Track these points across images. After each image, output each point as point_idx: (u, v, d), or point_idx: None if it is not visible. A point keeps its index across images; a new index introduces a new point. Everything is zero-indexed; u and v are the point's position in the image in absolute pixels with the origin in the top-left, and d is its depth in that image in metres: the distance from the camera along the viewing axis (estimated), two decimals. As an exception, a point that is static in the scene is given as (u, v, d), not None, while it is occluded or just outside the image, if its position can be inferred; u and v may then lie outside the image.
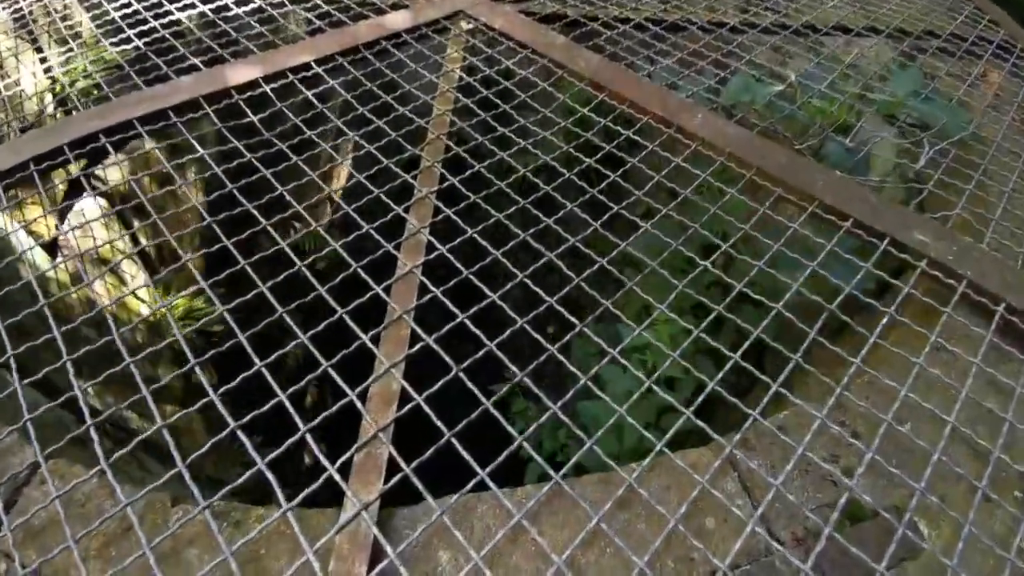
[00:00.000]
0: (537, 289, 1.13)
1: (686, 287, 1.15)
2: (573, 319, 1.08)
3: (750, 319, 1.13)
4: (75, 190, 2.95)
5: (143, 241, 3.26)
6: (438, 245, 1.13)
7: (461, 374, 0.92)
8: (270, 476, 0.78)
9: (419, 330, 0.98)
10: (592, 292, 1.15)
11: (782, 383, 0.97)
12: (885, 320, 1.06)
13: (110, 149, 1.27)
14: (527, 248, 1.20)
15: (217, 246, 1.20)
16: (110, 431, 1.97)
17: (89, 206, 2.82)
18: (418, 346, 0.97)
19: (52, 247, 2.75)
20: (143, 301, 3.06)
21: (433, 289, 1.06)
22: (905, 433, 0.93)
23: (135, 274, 3.18)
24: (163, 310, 1.10)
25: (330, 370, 0.92)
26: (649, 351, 2.06)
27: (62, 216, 2.80)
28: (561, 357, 1.02)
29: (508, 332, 1.03)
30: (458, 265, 1.10)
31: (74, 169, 1.68)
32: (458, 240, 1.15)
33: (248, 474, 0.81)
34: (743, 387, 3.02)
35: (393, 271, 1.09)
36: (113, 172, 2.97)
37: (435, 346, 0.94)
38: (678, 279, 1.18)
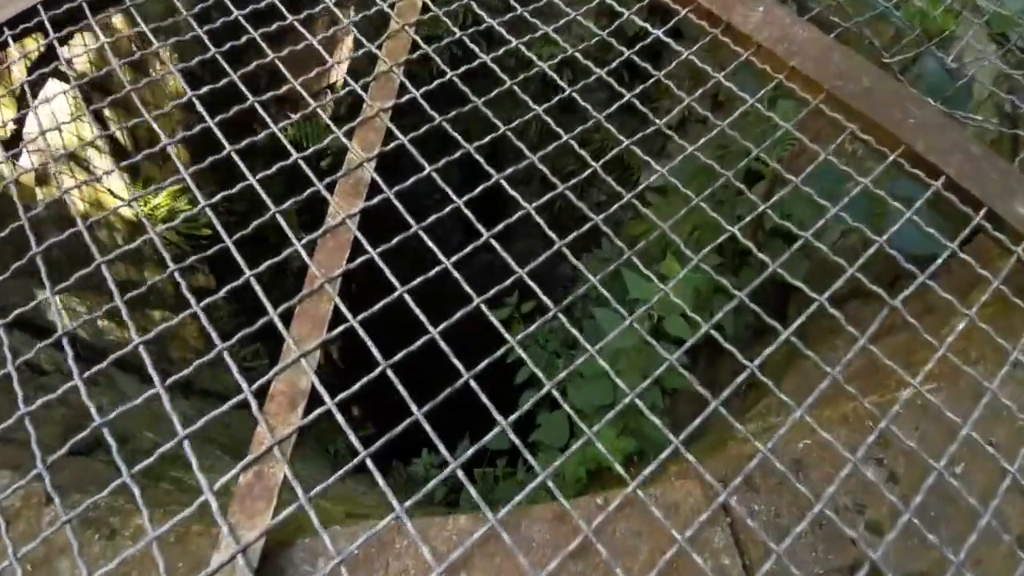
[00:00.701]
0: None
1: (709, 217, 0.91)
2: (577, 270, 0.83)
3: (784, 264, 0.89)
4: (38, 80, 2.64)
5: (117, 134, 3.00)
6: (385, 188, 0.86)
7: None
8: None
9: (341, 306, 0.76)
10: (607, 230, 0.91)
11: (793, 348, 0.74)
12: (962, 325, 0.80)
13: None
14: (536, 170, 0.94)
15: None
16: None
17: (54, 90, 2.53)
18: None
19: (13, 142, 2.52)
20: (120, 199, 2.87)
21: (371, 251, 0.82)
22: (955, 487, 0.72)
23: (109, 168, 2.96)
24: (141, 207, 0.91)
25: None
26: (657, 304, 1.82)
27: (22, 103, 2.53)
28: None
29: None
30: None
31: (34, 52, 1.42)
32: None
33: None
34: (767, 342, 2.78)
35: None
36: (80, 52, 2.63)
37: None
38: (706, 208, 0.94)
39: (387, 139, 0.94)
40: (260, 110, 0.94)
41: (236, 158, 0.89)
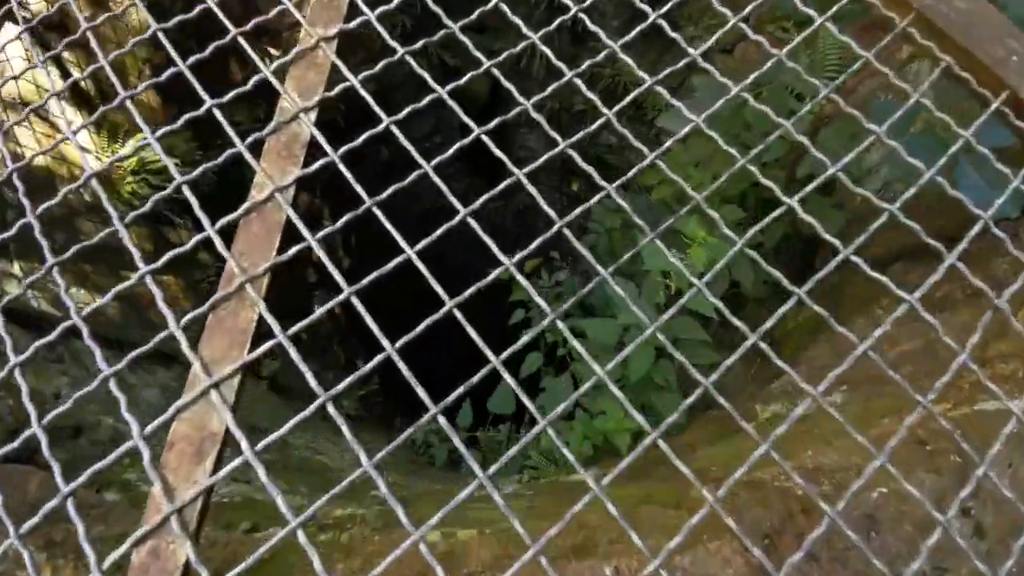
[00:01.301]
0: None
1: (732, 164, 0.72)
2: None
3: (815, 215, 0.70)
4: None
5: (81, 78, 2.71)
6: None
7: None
8: None
9: (268, 316, 0.57)
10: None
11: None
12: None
13: None
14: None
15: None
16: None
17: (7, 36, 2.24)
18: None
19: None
20: (86, 151, 2.62)
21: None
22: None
23: (72, 120, 2.70)
24: (112, 164, 0.72)
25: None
26: (672, 274, 1.61)
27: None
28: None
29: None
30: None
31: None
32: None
33: None
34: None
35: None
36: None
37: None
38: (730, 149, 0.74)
39: (333, 80, 0.71)
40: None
41: (219, 115, 0.66)
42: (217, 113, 0.69)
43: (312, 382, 0.56)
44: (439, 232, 0.63)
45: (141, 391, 1.79)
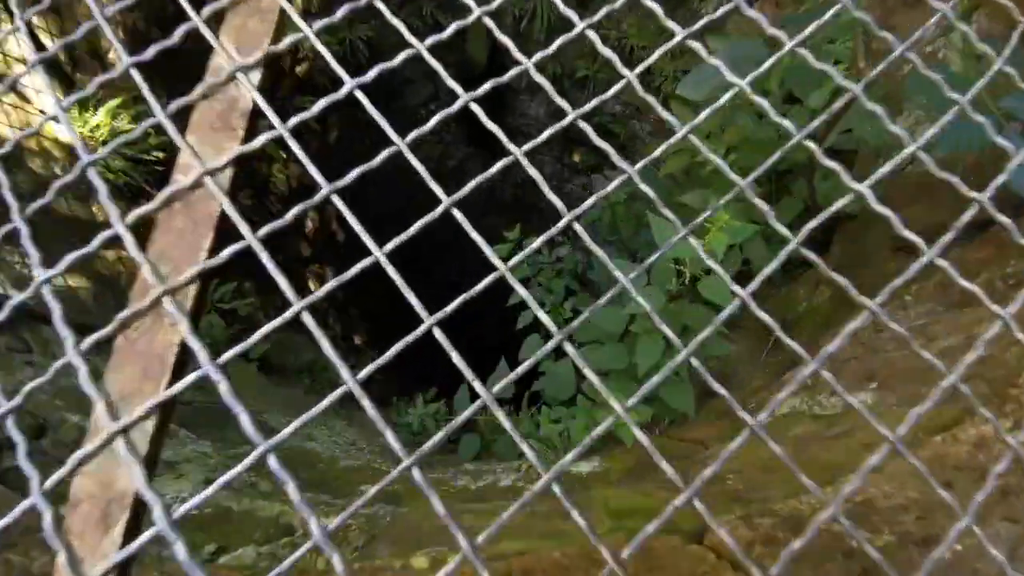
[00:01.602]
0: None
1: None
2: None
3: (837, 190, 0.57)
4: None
5: (50, 43, 2.51)
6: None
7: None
8: None
9: (193, 341, 0.44)
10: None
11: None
12: None
13: None
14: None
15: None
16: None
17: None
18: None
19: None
20: (53, 120, 2.44)
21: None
22: None
23: (41, 88, 2.51)
24: (79, 128, 0.59)
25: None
26: (689, 260, 1.47)
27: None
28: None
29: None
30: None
31: None
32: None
33: None
34: (800, 278, 2.42)
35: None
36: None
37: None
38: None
39: (281, 31, 0.56)
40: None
41: (137, 77, 0.52)
42: (135, 74, 0.54)
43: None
44: (413, 231, 0.50)
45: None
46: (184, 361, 0.47)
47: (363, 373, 0.46)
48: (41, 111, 2.56)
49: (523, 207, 5.51)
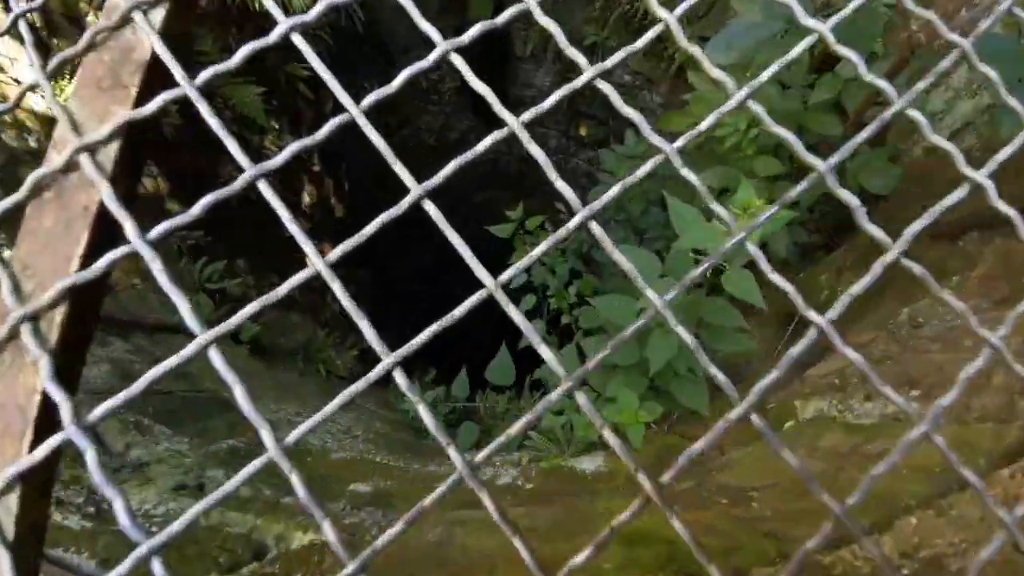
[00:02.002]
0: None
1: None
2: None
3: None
4: None
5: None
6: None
7: None
8: None
9: (56, 392, 0.31)
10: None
11: None
12: None
13: None
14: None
15: None
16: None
17: None
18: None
19: None
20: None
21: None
22: None
23: (17, 56, 2.35)
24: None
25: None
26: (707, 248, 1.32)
27: None
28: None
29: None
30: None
31: None
32: None
33: None
34: (819, 259, 2.27)
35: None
36: None
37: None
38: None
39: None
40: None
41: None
42: (23, 27, 0.40)
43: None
44: (370, 231, 0.37)
45: (90, 369, 1.57)
46: (49, 413, 0.34)
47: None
48: (16, 80, 2.39)
49: (528, 182, 5.32)
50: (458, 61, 0.39)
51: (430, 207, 0.39)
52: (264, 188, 0.37)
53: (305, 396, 2.49)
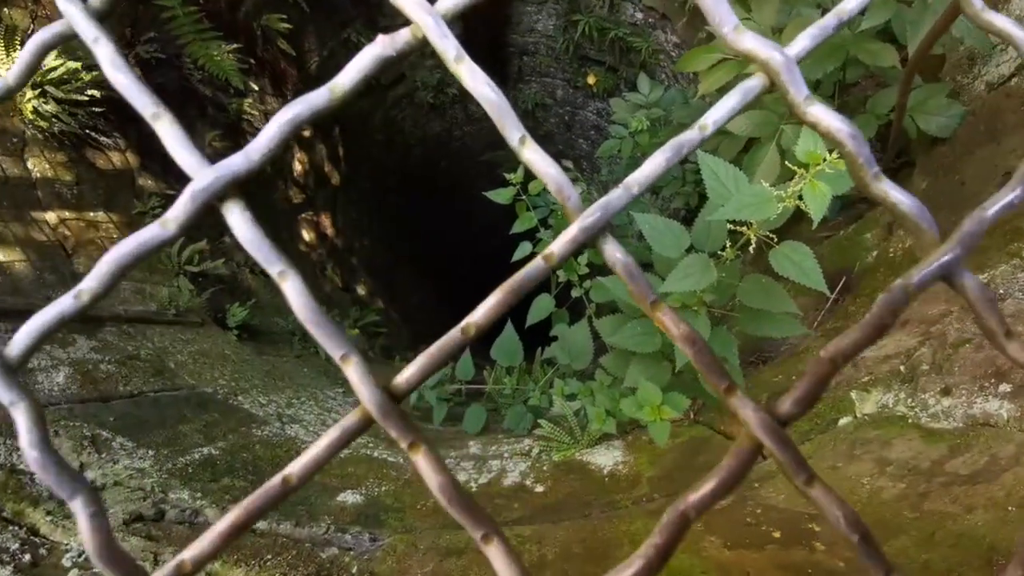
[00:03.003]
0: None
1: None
2: None
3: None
4: None
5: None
6: None
7: None
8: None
9: None
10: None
11: None
12: None
13: None
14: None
15: None
16: None
17: None
18: None
19: None
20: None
21: None
22: None
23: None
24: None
25: None
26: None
27: None
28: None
29: None
30: None
31: None
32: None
33: None
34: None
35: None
36: None
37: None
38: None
39: None
40: None
41: None
42: None
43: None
44: None
45: (47, 376, 1.41)
46: None
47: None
48: None
49: (531, 132, 4.98)
50: None
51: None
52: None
53: (300, 383, 2.34)
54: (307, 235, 4.18)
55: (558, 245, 0.26)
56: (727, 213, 0.88)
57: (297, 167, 4.04)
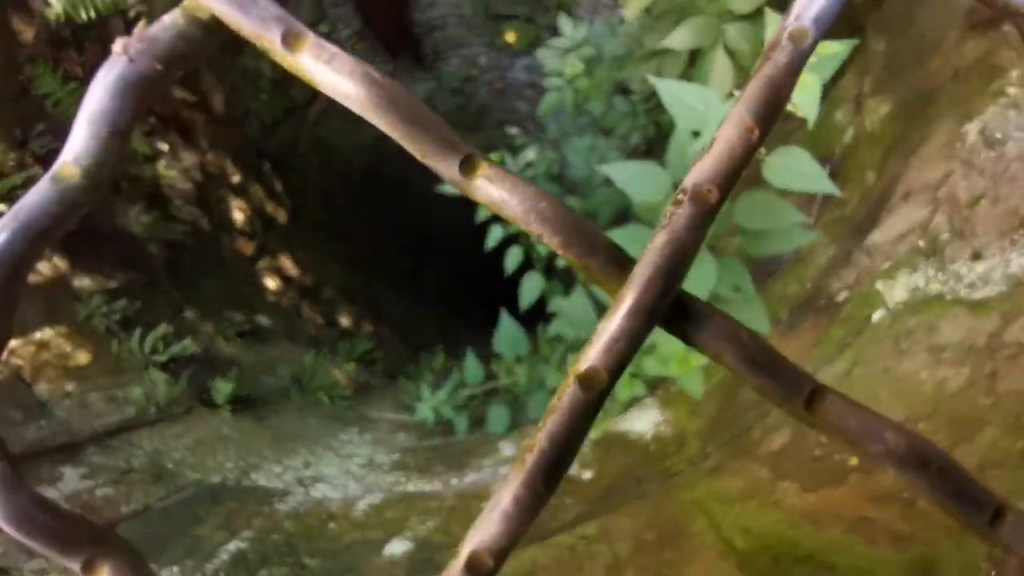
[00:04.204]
0: None
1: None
2: None
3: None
4: None
5: None
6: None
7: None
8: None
9: None
10: None
11: None
12: None
13: None
14: None
15: None
16: None
17: None
18: None
19: None
20: None
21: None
22: None
23: None
24: None
25: None
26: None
27: None
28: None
29: None
30: None
31: None
32: None
33: None
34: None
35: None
36: None
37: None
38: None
39: None
40: None
41: None
42: None
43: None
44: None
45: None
46: None
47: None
48: None
49: (469, 115, 4.80)
50: None
51: None
52: None
53: (311, 437, 2.23)
54: (271, 283, 3.99)
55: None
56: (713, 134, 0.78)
57: (238, 216, 3.82)
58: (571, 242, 0.26)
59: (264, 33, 0.25)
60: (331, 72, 0.24)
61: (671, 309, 0.26)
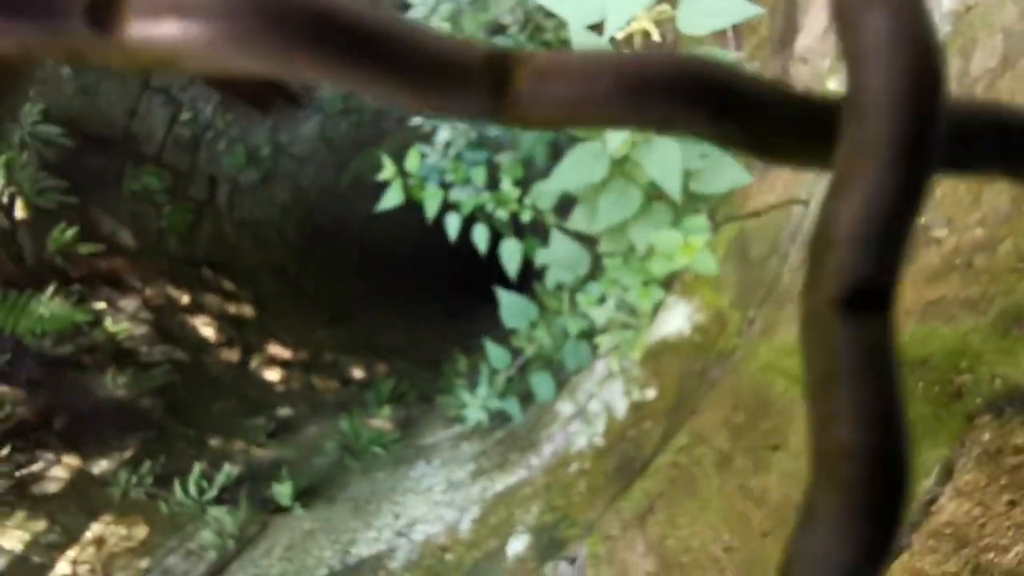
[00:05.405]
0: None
1: None
2: None
3: None
4: None
5: None
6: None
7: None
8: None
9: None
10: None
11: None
12: None
13: None
14: None
15: None
16: None
17: None
18: None
19: None
20: None
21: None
22: None
23: None
24: None
25: None
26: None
27: None
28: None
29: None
30: None
31: None
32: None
33: None
34: None
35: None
36: None
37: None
38: None
39: None
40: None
41: None
42: None
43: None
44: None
45: None
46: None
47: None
48: None
49: (368, 129, 4.65)
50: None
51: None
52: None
53: (387, 492, 2.21)
54: (272, 375, 3.90)
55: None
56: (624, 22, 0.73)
57: (208, 332, 3.70)
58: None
59: (56, 24, 0.13)
60: (180, 22, 0.13)
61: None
